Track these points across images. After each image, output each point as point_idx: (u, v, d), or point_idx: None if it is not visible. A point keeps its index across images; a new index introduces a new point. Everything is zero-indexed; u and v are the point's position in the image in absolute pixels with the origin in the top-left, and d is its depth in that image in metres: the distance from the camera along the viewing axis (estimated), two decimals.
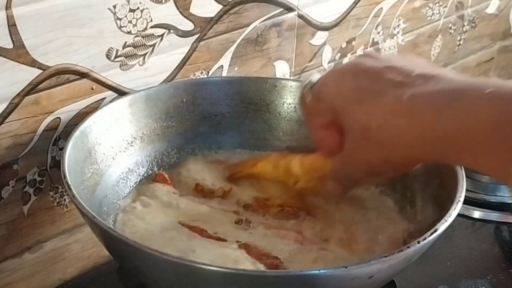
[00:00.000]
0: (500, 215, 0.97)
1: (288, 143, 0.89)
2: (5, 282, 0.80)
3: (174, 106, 0.85)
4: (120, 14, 0.79)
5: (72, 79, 0.78)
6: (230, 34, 0.93)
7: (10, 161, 0.76)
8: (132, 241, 0.60)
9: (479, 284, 0.84)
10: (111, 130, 0.79)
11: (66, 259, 0.85)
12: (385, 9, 1.14)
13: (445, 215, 0.65)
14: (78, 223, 0.84)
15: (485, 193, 1.01)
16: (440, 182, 0.73)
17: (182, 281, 0.61)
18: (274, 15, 0.97)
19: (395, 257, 0.61)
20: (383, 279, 0.65)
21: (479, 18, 1.35)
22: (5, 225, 0.78)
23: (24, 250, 0.81)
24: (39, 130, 0.77)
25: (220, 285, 0.60)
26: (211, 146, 0.88)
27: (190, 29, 0.88)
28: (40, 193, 0.80)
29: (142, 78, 0.85)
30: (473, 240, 0.93)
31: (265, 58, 0.99)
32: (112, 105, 0.80)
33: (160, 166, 0.84)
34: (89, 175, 0.75)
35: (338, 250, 0.71)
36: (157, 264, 0.60)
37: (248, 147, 0.89)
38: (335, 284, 0.60)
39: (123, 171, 0.81)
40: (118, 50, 0.81)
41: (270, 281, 0.59)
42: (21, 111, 0.74)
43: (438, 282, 0.83)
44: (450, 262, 0.87)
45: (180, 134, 0.86)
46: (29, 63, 0.73)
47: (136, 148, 0.83)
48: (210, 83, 0.89)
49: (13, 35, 0.70)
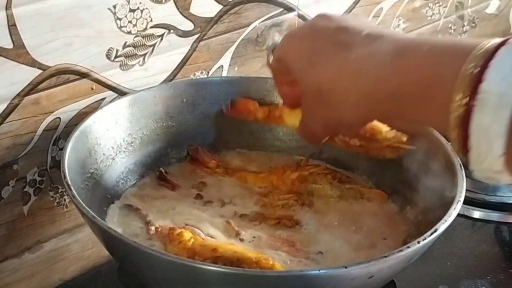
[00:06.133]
0: (500, 215, 0.97)
1: (288, 143, 0.90)
2: (5, 282, 0.80)
3: (174, 106, 0.85)
4: (120, 14, 0.79)
5: (72, 79, 0.78)
6: (230, 34, 0.93)
7: (10, 161, 0.76)
8: (132, 241, 0.60)
9: (479, 284, 0.84)
10: (111, 130, 0.79)
11: (66, 259, 0.85)
12: (385, 9, 1.14)
13: (445, 215, 0.65)
14: (78, 223, 0.84)
15: (485, 193, 1.00)
16: (440, 182, 0.73)
17: (182, 281, 0.61)
18: (274, 15, 0.97)
19: (395, 257, 0.61)
20: (383, 279, 0.65)
21: (479, 18, 1.35)
22: (5, 225, 0.78)
23: (24, 250, 0.81)
24: (39, 130, 0.77)
25: (220, 285, 0.60)
26: (211, 146, 0.88)
27: (190, 29, 0.88)
28: (40, 193, 0.80)
29: (142, 78, 0.85)
30: (473, 240, 0.93)
31: (265, 58, 0.98)
32: (112, 105, 0.80)
33: (160, 166, 0.84)
34: (89, 175, 0.75)
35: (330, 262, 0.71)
36: (157, 264, 0.60)
37: (248, 147, 0.89)
38: (335, 284, 0.60)
39: (123, 171, 0.81)
40: (118, 50, 0.81)
41: (270, 281, 0.59)
42: (21, 111, 0.74)
43: (438, 282, 0.83)
44: (450, 262, 0.87)
45: (180, 134, 0.86)
46: (29, 63, 0.73)
47: (136, 148, 0.83)
48: (210, 83, 0.90)
49: (13, 35, 0.71)
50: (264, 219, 0.76)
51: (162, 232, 0.71)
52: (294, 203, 0.78)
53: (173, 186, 0.81)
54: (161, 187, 0.81)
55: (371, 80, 0.57)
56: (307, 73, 0.62)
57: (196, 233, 0.71)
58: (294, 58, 0.64)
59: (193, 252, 0.67)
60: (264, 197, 0.80)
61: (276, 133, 0.90)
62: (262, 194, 0.81)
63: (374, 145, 0.77)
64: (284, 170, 0.82)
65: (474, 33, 1.35)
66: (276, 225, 0.75)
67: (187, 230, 0.70)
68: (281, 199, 0.79)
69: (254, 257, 0.65)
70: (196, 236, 0.70)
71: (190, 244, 0.68)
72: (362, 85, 0.58)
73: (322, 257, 0.71)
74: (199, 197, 0.79)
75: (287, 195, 0.80)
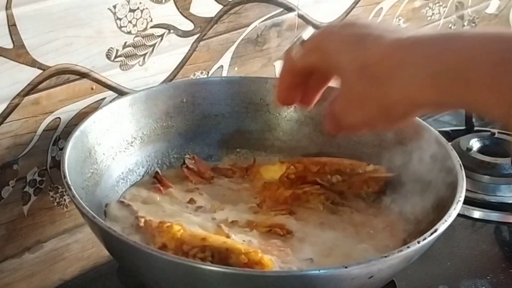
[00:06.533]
0: (500, 215, 0.97)
1: (288, 143, 0.90)
2: (5, 282, 0.80)
3: (174, 106, 0.85)
4: (120, 14, 0.79)
5: (72, 79, 0.78)
6: (230, 34, 0.93)
7: (10, 161, 0.76)
8: (132, 241, 0.60)
9: (479, 284, 0.83)
10: (111, 130, 0.79)
11: (66, 259, 0.85)
12: (385, 9, 1.14)
13: (445, 215, 0.65)
14: (78, 223, 0.84)
15: (485, 193, 1.00)
16: (440, 182, 0.73)
17: (182, 281, 0.61)
18: (274, 15, 0.97)
19: (395, 257, 0.61)
20: (383, 279, 0.65)
21: (479, 18, 1.35)
22: (5, 225, 0.78)
23: (24, 250, 0.81)
24: (39, 130, 0.77)
25: (220, 285, 0.60)
26: (211, 146, 0.88)
27: (190, 29, 0.88)
28: (40, 193, 0.80)
29: (142, 78, 0.85)
30: (473, 240, 0.93)
31: (265, 58, 0.99)
32: (112, 105, 0.80)
33: (160, 166, 0.84)
34: (89, 175, 0.75)
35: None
36: (157, 264, 0.60)
37: (248, 147, 0.89)
38: (335, 284, 0.60)
39: (123, 171, 0.81)
40: (118, 50, 0.81)
41: (270, 281, 0.59)
42: (21, 111, 0.74)
43: (438, 282, 0.83)
44: (450, 262, 0.87)
45: (180, 134, 0.86)
46: (29, 63, 0.73)
47: (136, 148, 0.83)
48: (210, 83, 0.90)
49: (13, 35, 0.71)
50: (255, 226, 0.75)
51: (152, 225, 0.71)
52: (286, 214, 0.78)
53: (166, 188, 0.81)
54: (155, 188, 0.81)
55: (432, 52, 0.52)
56: (352, 51, 0.56)
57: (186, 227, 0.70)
58: (336, 40, 0.58)
59: (181, 241, 0.67)
60: (257, 205, 0.80)
61: (276, 133, 0.90)
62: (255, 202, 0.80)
63: (356, 178, 0.81)
64: (278, 186, 0.82)
65: None
66: (267, 233, 0.74)
67: (177, 224, 0.70)
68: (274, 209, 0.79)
69: (243, 249, 0.65)
70: (185, 228, 0.70)
71: (179, 234, 0.68)
72: (419, 56, 0.53)
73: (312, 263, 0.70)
74: (192, 202, 0.79)
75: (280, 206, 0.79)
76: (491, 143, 1.08)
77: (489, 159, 1.03)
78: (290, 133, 0.89)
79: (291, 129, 0.89)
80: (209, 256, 0.65)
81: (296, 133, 0.89)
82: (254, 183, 0.85)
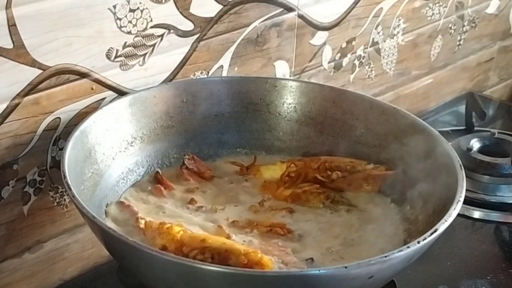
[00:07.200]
0: (500, 215, 0.97)
1: (288, 143, 0.90)
2: (5, 282, 0.80)
3: (174, 106, 0.85)
4: (120, 14, 0.79)
5: (72, 79, 0.78)
6: (230, 34, 0.93)
7: (10, 161, 0.76)
8: (132, 241, 0.60)
9: (479, 284, 0.84)
10: (111, 130, 0.79)
11: (66, 259, 0.85)
12: (385, 9, 1.14)
13: (445, 215, 0.65)
14: (78, 223, 0.84)
15: (485, 193, 1.01)
16: (440, 182, 0.73)
17: (182, 281, 0.61)
18: (274, 15, 0.97)
19: (395, 257, 0.61)
20: (383, 279, 0.65)
21: (479, 18, 1.35)
22: (5, 225, 0.78)
23: (24, 250, 0.81)
24: (39, 130, 0.77)
25: (220, 285, 0.60)
26: (211, 146, 0.88)
27: (190, 29, 0.88)
28: (40, 193, 0.80)
29: (142, 78, 0.85)
30: (473, 240, 0.93)
31: (265, 58, 0.99)
32: (112, 105, 0.80)
33: (160, 166, 0.84)
34: (89, 175, 0.75)
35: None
36: (157, 264, 0.60)
37: (248, 147, 0.89)
38: (335, 284, 0.60)
39: (123, 171, 0.81)
40: (118, 50, 0.81)
41: (270, 281, 0.59)
42: (21, 111, 0.74)
43: (438, 282, 0.83)
44: (450, 262, 0.87)
45: (180, 134, 0.86)
46: (29, 63, 0.73)
47: (136, 148, 0.83)
48: (210, 83, 0.90)
49: (13, 35, 0.71)
50: (256, 226, 0.75)
51: (152, 227, 0.71)
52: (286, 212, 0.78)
53: (167, 189, 0.81)
54: (156, 188, 0.81)
55: None
56: None
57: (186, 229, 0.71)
58: None
59: (181, 243, 0.67)
60: (257, 204, 0.80)
61: (276, 133, 0.90)
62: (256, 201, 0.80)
63: (356, 176, 0.82)
64: (278, 185, 0.83)
65: (474, 33, 1.35)
66: (268, 233, 0.74)
67: (177, 225, 0.70)
68: (274, 208, 0.79)
69: (243, 249, 0.65)
70: (185, 229, 0.70)
71: (179, 236, 0.68)
72: None
73: (313, 262, 0.70)
74: (193, 202, 0.79)
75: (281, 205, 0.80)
76: (491, 143, 1.08)
77: (489, 159, 1.03)
78: (290, 133, 0.89)
79: (291, 129, 0.89)
80: (209, 258, 0.65)
81: (296, 133, 0.89)
82: (254, 182, 0.85)
